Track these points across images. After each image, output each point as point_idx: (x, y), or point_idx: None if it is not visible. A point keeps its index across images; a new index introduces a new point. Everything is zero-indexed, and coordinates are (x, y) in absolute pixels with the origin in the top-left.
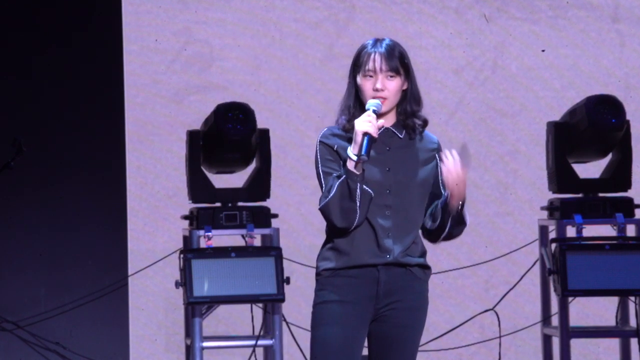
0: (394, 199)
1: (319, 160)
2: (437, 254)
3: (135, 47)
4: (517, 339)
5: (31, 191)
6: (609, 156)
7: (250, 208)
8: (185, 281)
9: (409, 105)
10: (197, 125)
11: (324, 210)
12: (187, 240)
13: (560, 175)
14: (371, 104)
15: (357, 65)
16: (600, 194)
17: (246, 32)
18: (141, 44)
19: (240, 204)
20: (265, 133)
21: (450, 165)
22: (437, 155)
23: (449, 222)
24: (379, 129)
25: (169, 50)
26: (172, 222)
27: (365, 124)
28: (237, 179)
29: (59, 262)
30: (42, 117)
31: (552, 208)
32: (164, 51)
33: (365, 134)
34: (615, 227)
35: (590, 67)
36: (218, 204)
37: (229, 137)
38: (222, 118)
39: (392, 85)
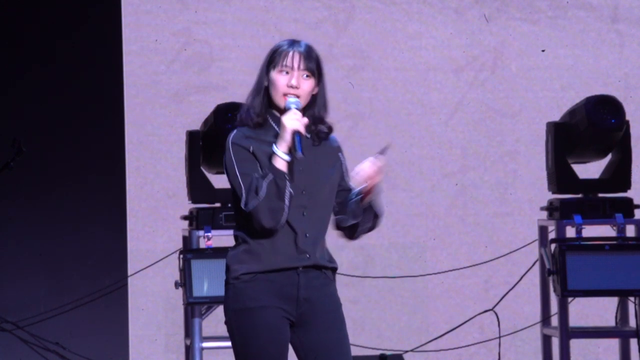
0: (308, 200)
1: (235, 161)
2: (437, 254)
3: (135, 47)
4: (517, 339)
5: (31, 191)
6: (609, 156)
7: None
8: (185, 281)
9: (317, 110)
10: (196, 125)
11: (255, 212)
12: (186, 240)
13: (560, 175)
14: (291, 102)
15: (272, 62)
16: (600, 194)
17: (246, 32)
18: (141, 44)
19: None
20: None
21: (374, 166)
22: (340, 154)
23: (369, 217)
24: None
25: (169, 50)
26: (172, 222)
27: (295, 122)
28: None
29: (59, 262)
30: (42, 118)
31: (551, 208)
32: (163, 51)
33: (296, 132)
34: (614, 228)
35: (590, 67)
36: (218, 204)
37: None
38: (221, 118)
39: (306, 85)
